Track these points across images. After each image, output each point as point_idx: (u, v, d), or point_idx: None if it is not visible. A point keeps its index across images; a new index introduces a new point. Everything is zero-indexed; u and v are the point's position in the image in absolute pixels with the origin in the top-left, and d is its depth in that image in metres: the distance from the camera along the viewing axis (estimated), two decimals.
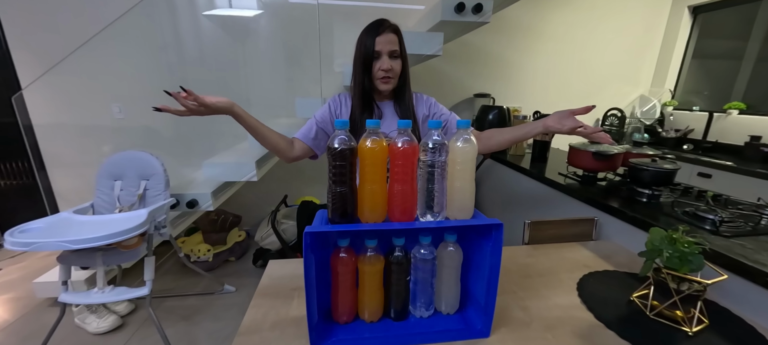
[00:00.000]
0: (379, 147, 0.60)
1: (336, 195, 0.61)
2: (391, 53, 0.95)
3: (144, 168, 1.57)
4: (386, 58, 0.95)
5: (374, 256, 0.68)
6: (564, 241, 1.15)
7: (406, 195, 0.62)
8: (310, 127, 1.03)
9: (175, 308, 1.81)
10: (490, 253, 0.65)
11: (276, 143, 0.95)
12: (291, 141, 1.01)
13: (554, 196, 1.53)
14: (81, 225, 1.30)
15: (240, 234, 2.43)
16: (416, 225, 0.62)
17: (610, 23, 2.71)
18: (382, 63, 0.95)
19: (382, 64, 0.95)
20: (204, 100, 0.80)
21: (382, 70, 0.95)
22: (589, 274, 0.93)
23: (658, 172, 1.18)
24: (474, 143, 0.62)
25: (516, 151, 2.07)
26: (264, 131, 0.92)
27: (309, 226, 0.58)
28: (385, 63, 0.95)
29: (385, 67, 0.95)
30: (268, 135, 0.93)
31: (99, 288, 1.36)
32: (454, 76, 2.62)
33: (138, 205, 1.55)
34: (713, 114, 2.45)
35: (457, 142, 0.62)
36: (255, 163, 1.76)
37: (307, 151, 1.03)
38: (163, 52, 2.27)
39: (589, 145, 1.43)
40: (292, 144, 1.01)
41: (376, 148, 0.59)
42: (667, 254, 0.72)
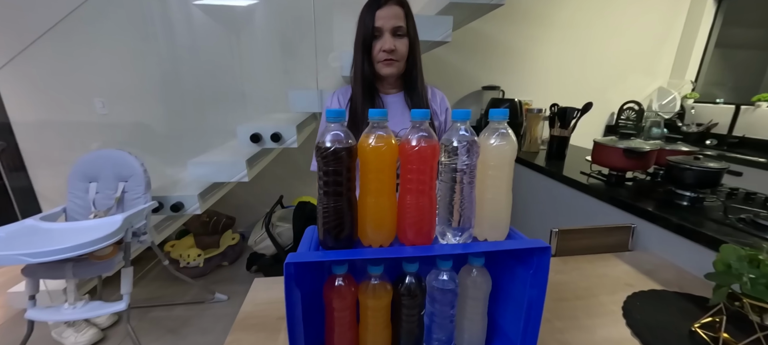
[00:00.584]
0: (387, 145, 0.44)
1: (329, 210, 0.46)
2: (395, 30, 0.79)
3: (121, 168, 1.42)
4: (388, 36, 0.79)
5: (380, 285, 0.53)
6: (596, 252, 0.99)
7: (422, 210, 0.47)
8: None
9: (161, 319, 1.68)
10: (531, 284, 0.50)
11: None
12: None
13: (576, 198, 1.38)
14: (47, 234, 1.16)
15: (233, 237, 2.29)
16: (435, 250, 0.47)
17: (627, 11, 2.53)
18: (384, 42, 0.79)
19: (384, 43, 0.79)
20: None
21: (383, 50, 0.79)
22: (633, 294, 0.79)
23: (704, 172, 1.03)
24: (513, 141, 0.47)
25: (529, 148, 1.91)
26: None
27: (292, 255, 0.43)
28: (387, 42, 0.78)
29: (387, 47, 0.78)
30: None
31: (70, 303, 1.22)
32: (461, 67, 2.46)
33: (115, 209, 1.40)
34: (740, 107, 2.28)
35: (491, 139, 0.47)
36: (246, 162, 1.61)
37: None
38: (148, 43, 2.11)
39: (618, 141, 1.27)
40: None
41: (383, 148, 0.44)
42: (750, 279, 0.57)
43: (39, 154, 2.19)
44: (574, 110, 1.61)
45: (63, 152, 2.19)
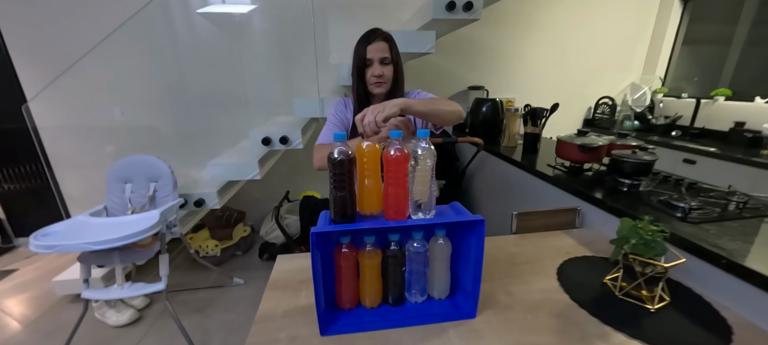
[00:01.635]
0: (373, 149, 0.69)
1: (337, 199, 0.69)
2: (382, 60, 1.03)
3: (152, 171, 1.64)
4: (377, 64, 1.03)
5: (373, 251, 0.77)
6: (550, 230, 1.24)
7: (399, 197, 0.70)
8: (328, 134, 1.13)
9: (187, 301, 1.92)
10: (474, 245, 0.74)
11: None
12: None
13: (543, 187, 1.62)
14: (98, 227, 1.39)
15: (245, 229, 2.53)
16: (408, 222, 0.70)
17: (602, 11, 2.74)
18: (374, 69, 1.03)
19: (374, 70, 1.03)
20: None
21: (374, 76, 1.04)
22: (569, 259, 1.03)
23: (637, 163, 1.26)
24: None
25: (508, 143, 2.14)
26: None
27: (314, 228, 0.66)
28: (376, 69, 1.03)
29: (376, 73, 1.03)
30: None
31: (118, 284, 1.45)
32: (448, 69, 2.67)
33: (148, 206, 1.63)
34: (700, 101, 2.52)
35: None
36: (257, 162, 1.84)
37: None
38: (160, 54, 2.31)
39: (575, 138, 1.51)
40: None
41: (371, 148, 0.69)
42: (633, 242, 0.81)
43: (64, 157, 2.40)
44: (544, 110, 1.83)
45: (86, 155, 2.41)
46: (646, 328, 0.73)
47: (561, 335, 0.72)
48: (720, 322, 0.75)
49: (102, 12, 2.17)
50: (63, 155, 2.40)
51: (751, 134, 2.14)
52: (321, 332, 0.71)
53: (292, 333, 0.73)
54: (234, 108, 2.37)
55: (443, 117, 0.98)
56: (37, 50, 2.22)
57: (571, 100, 2.89)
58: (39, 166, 2.57)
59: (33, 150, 2.26)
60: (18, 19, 2.15)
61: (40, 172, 2.59)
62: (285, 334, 0.73)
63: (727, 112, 2.38)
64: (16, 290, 2.08)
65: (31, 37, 2.20)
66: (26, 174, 2.64)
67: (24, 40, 2.21)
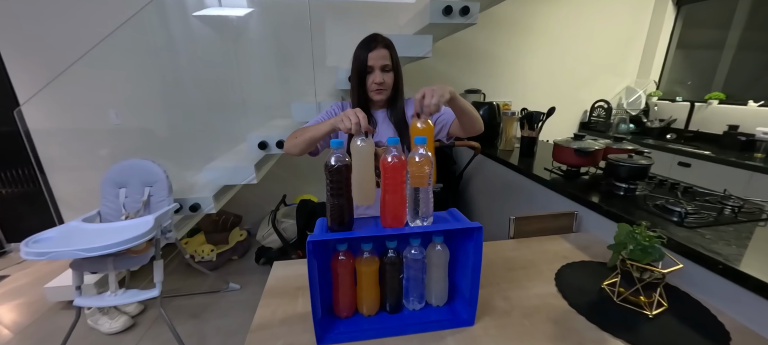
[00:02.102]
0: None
1: (334, 206, 0.69)
2: (383, 67, 1.03)
3: (147, 175, 1.63)
4: (378, 72, 1.02)
5: (370, 258, 0.76)
6: (547, 235, 1.24)
7: (396, 204, 0.70)
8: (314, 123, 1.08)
9: (183, 307, 1.90)
10: (472, 252, 0.73)
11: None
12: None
13: (540, 191, 1.62)
14: (91, 233, 1.37)
15: (241, 233, 2.51)
16: (406, 230, 0.70)
17: (598, 16, 2.77)
18: (375, 76, 1.02)
19: (375, 77, 1.02)
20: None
21: (375, 83, 1.03)
22: (566, 264, 1.03)
23: (633, 168, 1.27)
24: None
25: (505, 146, 2.15)
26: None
27: (311, 235, 0.66)
28: (377, 77, 1.02)
29: (377, 80, 1.02)
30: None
31: (111, 291, 1.43)
32: (445, 73, 2.68)
33: (143, 211, 1.61)
34: (695, 104, 2.55)
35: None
36: (254, 166, 1.83)
37: (314, 147, 1.06)
38: (156, 57, 2.30)
39: (572, 142, 1.51)
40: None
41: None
42: (631, 247, 0.81)
43: (58, 161, 2.37)
44: (541, 114, 1.84)
45: (80, 159, 2.38)
46: (644, 334, 0.73)
47: (559, 341, 0.72)
48: (718, 327, 0.75)
49: (97, 13, 2.15)
50: (56, 159, 2.37)
51: (744, 137, 2.17)
52: (318, 341, 0.71)
53: (288, 342, 0.72)
54: (230, 111, 2.35)
55: (473, 123, 0.98)
56: (30, 52, 2.20)
57: (566, 104, 2.91)
58: (32, 171, 2.54)
59: (26, 154, 2.23)
60: (10, 21, 2.13)
61: (33, 177, 2.56)
62: (281, 342, 0.72)
63: (721, 115, 2.41)
64: (7, 296, 2.05)
65: (23, 39, 2.18)
66: (19, 178, 2.60)
67: (17, 42, 2.18)
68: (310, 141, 0.95)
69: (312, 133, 0.94)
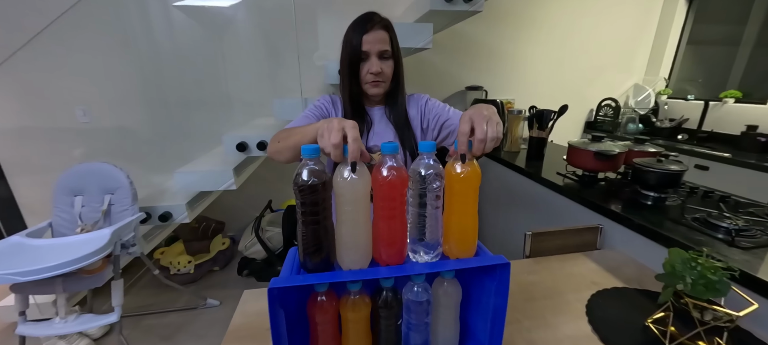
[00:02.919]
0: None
1: (307, 236, 0.50)
2: (381, 54, 0.83)
3: (107, 181, 1.42)
4: (375, 59, 0.83)
5: (359, 299, 0.58)
6: (568, 252, 1.06)
7: (393, 233, 0.51)
8: (300, 122, 0.85)
9: (154, 327, 1.70)
10: (495, 293, 0.56)
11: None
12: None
13: (552, 198, 1.45)
14: (35, 251, 1.17)
15: (223, 241, 2.30)
16: (406, 270, 0.52)
17: (604, 10, 2.61)
18: (371, 65, 0.83)
19: (371, 66, 0.83)
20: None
21: (370, 73, 0.83)
22: (597, 292, 0.85)
23: (664, 174, 1.11)
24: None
25: (510, 148, 1.98)
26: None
27: (275, 279, 0.47)
28: (374, 65, 0.82)
29: (374, 70, 0.82)
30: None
31: (61, 317, 1.23)
32: (445, 68, 2.50)
33: (102, 222, 1.41)
34: (709, 103, 2.40)
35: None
36: (233, 170, 1.63)
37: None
38: (130, 49, 2.08)
39: (590, 144, 1.35)
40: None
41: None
42: (690, 280, 0.64)
43: (19, 163, 2.14)
44: (551, 112, 1.67)
45: (44, 161, 2.15)
46: None
47: None
48: None
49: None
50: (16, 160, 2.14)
51: (764, 138, 2.02)
52: None
53: None
54: (209, 109, 2.14)
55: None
56: None
57: (572, 102, 2.72)
58: None
59: None
60: None
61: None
62: None
63: (737, 114, 2.26)
64: None
65: None
66: None
67: None
68: (294, 149, 0.69)
69: (296, 139, 0.68)
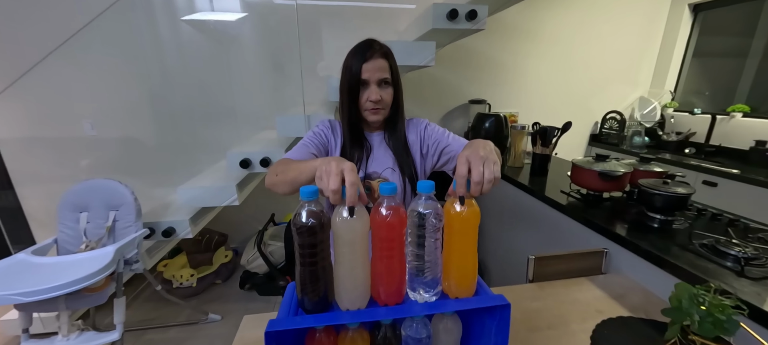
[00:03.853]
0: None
1: (305, 276, 0.50)
2: (381, 82, 0.84)
3: (111, 197, 1.43)
4: (375, 87, 0.83)
5: (357, 335, 0.57)
6: (571, 276, 1.05)
7: (392, 273, 0.51)
8: (299, 153, 0.86)
9: (155, 341, 1.70)
10: (495, 332, 0.55)
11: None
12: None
13: (555, 217, 1.44)
14: (39, 269, 1.18)
15: (226, 254, 2.31)
16: (405, 310, 0.51)
17: (608, 23, 2.61)
18: (371, 93, 0.83)
19: (371, 94, 0.83)
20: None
21: (370, 101, 0.84)
22: (603, 322, 0.83)
23: (670, 197, 1.09)
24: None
25: (514, 163, 1.97)
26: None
27: (272, 321, 0.47)
28: (373, 93, 0.83)
29: (373, 98, 0.83)
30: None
31: (63, 335, 1.23)
32: (448, 82, 2.51)
33: (106, 239, 1.42)
34: (716, 117, 2.37)
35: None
36: (236, 186, 1.64)
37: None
38: (137, 63, 2.12)
39: (594, 163, 1.33)
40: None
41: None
42: (697, 318, 0.63)
43: (27, 174, 2.18)
44: (555, 129, 1.66)
45: (51, 172, 2.19)
46: None
47: None
48: None
49: (72, 14, 1.96)
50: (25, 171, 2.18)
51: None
52: None
53: None
54: (213, 122, 2.16)
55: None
56: None
57: (576, 114, 2.73)
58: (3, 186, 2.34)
59: None
60: None
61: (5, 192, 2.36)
62: None
63: (746, 129, 2.23)
64: None
65: None
66: None
67: None
68: (291, 184, 0.69)
69: (293, 175, 0.68)
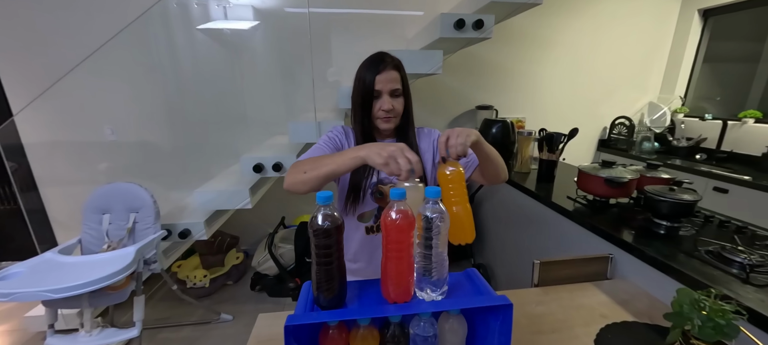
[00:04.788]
0: None
1: (321, 275, 0.54)
2: (393, 92, 0.88)
3: (132, 200, 1.51)
4: (387, 97, 0.88)
5: (368, 332, 0.61)
6: (576, 281, 1.06)
7: (401, 273, 0.55)
8: (315, 154, 0.89)
9: (169, 340, 1.76)
10: (498, 332, 0.58)
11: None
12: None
13: (562, 223, 1.45)
14: (66, 267, 1.25)
15: (238, 256, 2.37)
16: (413, 307, 0.54)
17: (617, 29, 2.61)
18: (383, 103, 0.88)
19: (383, 104, 0.88)
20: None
21: (382, 110, 0.88)
22: (606, 326, 0.85)
23: (677, 204, 1.09)
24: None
25: (520, 168, 1.98)
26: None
27: (290, 316, 0.51)
28: (385, 103, 0.87)
29: (385, 107, 0.88)
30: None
31: (86, 331, 1.30)
32: (455, 88, 2.54)
33: (127, 240, 1.49)
34: (727, 122, 2.35)
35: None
36: (248, 189, 1.70)
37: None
38: (154, 73, 2.21)
39: (600, 170, 1.34)
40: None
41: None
42: (698, 323, 0.64)
43: (51, 177, 2.28)
44: (561, 135, 1.68)
45: (72, 175, 2.29)
46: None
47: None
48: None
49: (96, 26, 2.06)
50: (48, 174, 2.28)
51: None
52: None
53: None
54: (229, 128, 2.24)
55: (498, 172, 0.90)
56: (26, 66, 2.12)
57: (584, 120, 2.73)
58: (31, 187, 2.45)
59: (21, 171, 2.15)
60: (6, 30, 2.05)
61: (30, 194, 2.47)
62: None
63: (758, 135, 2.20)
64: None
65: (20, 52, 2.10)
66: (13, 194, 2.52)
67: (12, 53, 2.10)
68: (326, 178, 0.73)
69: (331, 168, 0.71)
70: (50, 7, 2.02)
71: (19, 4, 2.00)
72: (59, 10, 2.03)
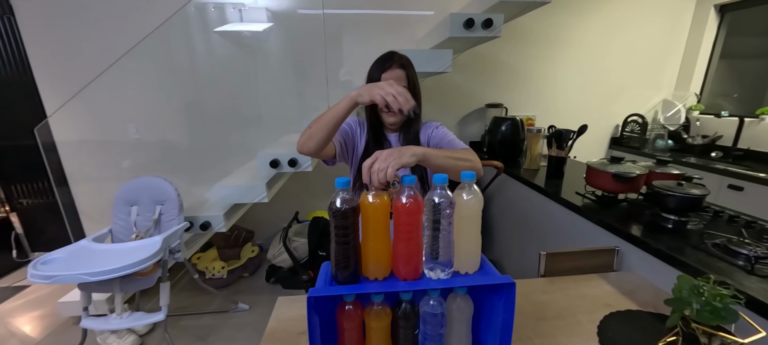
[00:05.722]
0: (381, 202, 0.58)
1: (339, 253, 0.59)
2: None
3: (158, 193, 1.60)
4: None
5: (381, 310, 0.66)
6: (583, 273, 1.09)
7: (411, 253, 0.60)
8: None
9: (190, 328, 1.85)
10: (502, 310, 0.62)
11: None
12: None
13: (570, 218, 1.47)
14: (99, 254, 1.34)
15: (253, 249, 2.46)
16: (422, 284, 0.59)
17: (630, 25, 2.59)
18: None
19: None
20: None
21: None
22: (610, 314, 0.88)
23: (684, 199, 1.11)
24: (480, 196, 0.59)
25: (530, 165, 2.00)
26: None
27: (312, 289, 0.57)
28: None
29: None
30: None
31: (117, 314, 1.40)
32: (465, 86, 2.57)
33: (153, 230, 1.58)
34: (744, 119, 2.30)
35: (462, 194, 0.60)
36: (265, 184, 1.77)
37: (332, 151, 0.96)
38: (176, 73, 2.32)
39: (609, 165, 1.36)
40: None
41: (378, 204, 0.58)
42: (697, 307, 0.67)
43: (80, 173, 2.42)
44: (570, 132, 1.70)
45: (99, 171, 2.43)
46: None
47: None
48: None
49: (122, 33, 2.18)
50: (79, 171, 2.42)
51: None
52: None
53: None
54: (245, 126, 2.34)
55: (458, 175, 0.87)
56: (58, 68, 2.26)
57: (596, 117, 2.72)
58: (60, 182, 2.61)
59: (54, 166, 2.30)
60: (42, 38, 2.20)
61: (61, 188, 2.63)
62: None
63: None
64: (24, 308, 2.07)
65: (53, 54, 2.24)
66: (45, 189, 2.68)
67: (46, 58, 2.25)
68: (327, 125, 0.79)
69: (329, 115, 0.78)
70: (82, 13, 2.15)
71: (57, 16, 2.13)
72: (91, 15, 2.16)
